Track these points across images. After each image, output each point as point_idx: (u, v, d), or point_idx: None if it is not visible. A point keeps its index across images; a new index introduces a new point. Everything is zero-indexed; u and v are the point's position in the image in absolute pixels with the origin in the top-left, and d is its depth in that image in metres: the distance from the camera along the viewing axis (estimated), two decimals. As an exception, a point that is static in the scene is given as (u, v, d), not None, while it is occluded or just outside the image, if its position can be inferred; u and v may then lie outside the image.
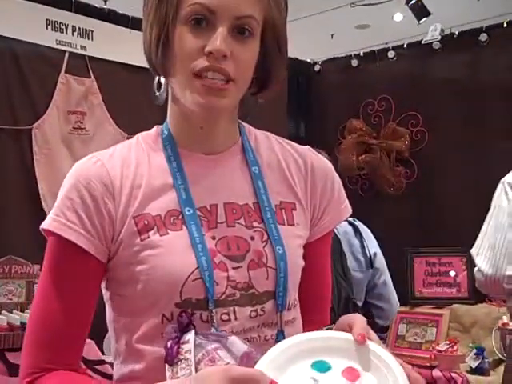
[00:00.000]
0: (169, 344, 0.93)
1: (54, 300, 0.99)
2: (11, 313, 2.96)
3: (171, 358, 0.92)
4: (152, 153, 1.06)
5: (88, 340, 2.69)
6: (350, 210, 1.15)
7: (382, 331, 2.76)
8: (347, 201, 1.16)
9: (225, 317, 0.98)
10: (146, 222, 0.99)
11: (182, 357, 0.92)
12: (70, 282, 1.00)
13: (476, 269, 2.44)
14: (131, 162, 1.04)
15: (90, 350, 2.75)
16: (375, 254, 2.55)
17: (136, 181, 1.02)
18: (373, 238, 2.61)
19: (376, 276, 2.55)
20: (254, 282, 1.00)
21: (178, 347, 0.93)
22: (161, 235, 0.99)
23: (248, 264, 1.01)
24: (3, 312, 2.95)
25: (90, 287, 1.01)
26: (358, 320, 0.91)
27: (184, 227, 0.99)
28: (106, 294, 1.06)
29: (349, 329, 0.91)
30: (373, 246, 2.57)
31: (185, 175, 1.03)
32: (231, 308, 0.99)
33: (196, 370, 0.88)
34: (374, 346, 0.87)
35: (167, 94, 1.07)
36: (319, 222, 1.11)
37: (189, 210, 1.00)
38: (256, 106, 1.10)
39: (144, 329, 0.99)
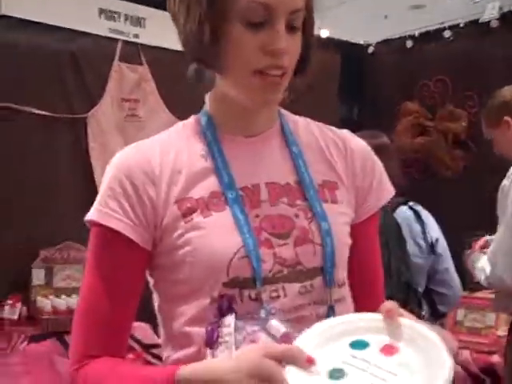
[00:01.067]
0: (209, 328, 0.94)
1: (100, 289, 1.00)
2: (70, 297, 3.04)
3: (211, 342, 0.93)
4: (192, 139, 1.06)
5: (144, 324, 2.76)
6: (392, 191, 1.15)
7: (441, 317, 2.70)
8: (389, 182, 1.15)
9: (274, 294, 0.98)
10: (189, 205, 1.00)
11: (222, 340, 0.92)
12: (115, 270, 1.00)
13: (490, 273, 2.36)
14: (171, 149, 1.04)
15: (146, 334, 2.80)
16: (437, 239, 2.49)
17: (176, 167, 1.02)
18: (435, 223, 2.54)
19: (438, 262, 2.49)
20: (302, 258, 1.00)
21: (219, 331, 0.93)
22: (204, 217, 0.99)
23: (294, 241, 1.00)
24: (62, 296, 3.04)
25: (135, 275, 1.02)
26: (386, 302, 0.89)
27: (227, 207, 1.00)
28: (151, 282, 1.07)
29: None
30: (435, 231, 2.51)
31: (225, 158, 1.03)
32: (279, 285, 0.98)
33: None
34: (410, 322, 0.87)
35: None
36: (364, 203, 1.11)
37: (232, 194, 1.01)
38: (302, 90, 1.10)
39: (193, 311, 0.99)
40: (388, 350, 0.85)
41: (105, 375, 0.98)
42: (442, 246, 2.51)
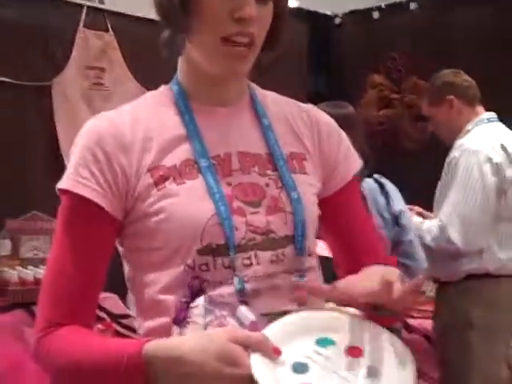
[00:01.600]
0: (178, 306, 0.96)
1: (68, 257, 1.01)
2: (37, 268, 3.02)
3: (179, 321, 0.95)
4: (162, 108, 1.07)
5: (112, 295, 2.77)
6: (360, 161, 1.18)
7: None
8: (356, 153, 1.18)
9: (246, 261, 1.00)
10: (161, 173, 1.01)
11: (190, 320, 0.94)
12: (84, 238, 1.01)
13: (439, 234, 2.56)
14: (140, 117, 1.05)
15: (114, 304, 2.81)
16: (401, 211, 2.54)
17: (147, 134, 1.03)
18: (399, 195, 2.59)
19: (402, 234, 2.54)
20: (273, 226, 1.02)
21: (188, 311, 0.95)
22: (177, 184, 1.00)
23: (266, 209, 1.03)
24: (29, 267, 3.01)
25: (104, 244, 1.03)
26: (388, 271, 0.93)
27: (200, 175, 1.01)
28: (122, 251, 1.07)
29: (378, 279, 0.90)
30: (399, 203, 2.55)
31: (198, 127, 1.05)
32: (252, 252, 1.00)
33: None
34: (381, 329, 0.90)
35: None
36: (334, 173, 1.14)
37: (204, 162, 1.02)
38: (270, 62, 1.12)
39: (167, 279, 1.00)
40: (353, 351, 0.87)
41: (70, 344, 0.98)
42: (406, 218, 2.56)
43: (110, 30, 3.53)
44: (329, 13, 4.61)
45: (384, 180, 2.57)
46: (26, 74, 3.28)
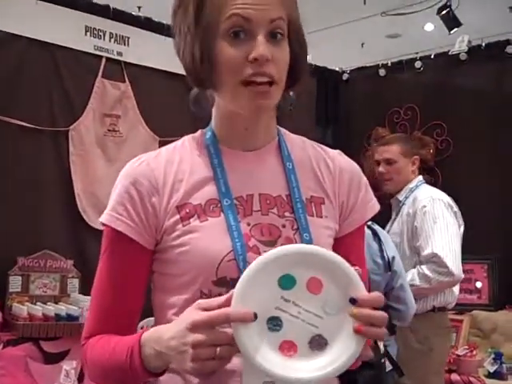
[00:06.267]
0: None
1: (106, 280, 1.14)
2: (46, 304, 3.11)
3: None
4: (195, 151, 1.17)
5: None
6: (377, 207, 1.24)
7: (395, 332, 2.78)
8: (375, 199, 1.24)
9: None
10: (187, 211, 1.11)
11: None
12: (119, 265, 1.13)
13: (439, 272, 2.97)
14: (174, 160, 1.16)
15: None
16: (393, 257, 2.60)
17: (178, 176, 1.14)
18: (391, 242, 2.67)
19: (394, 279, 2.60)
20: None
21: None
22: (201, 221, 1.10)
23: None
24: (38, 304, 3.10)
25: (138, 270, 1.14)
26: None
27: (222, 214, 1.11)
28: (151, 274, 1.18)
29: None
30: (391, 249, 2.63)
31: (224, 169, 1.14)
32: None
33: None
34: (336, 257, 0.96)
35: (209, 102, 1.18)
36: (349, 217, 1.20)
37: (227, 201, 1.11)
38: (289, 106, 1.20)
39: (183, 303, 1.09)
40: (314, 286, 0.94)
41: (95, 351, 1.11)
42: (398, 264, 2.63)
43: (127, 80, 3.70)
44: (337, 69, 4.77)
45: (377, 227, 2.64)
46: (45, 120, 3.43)
